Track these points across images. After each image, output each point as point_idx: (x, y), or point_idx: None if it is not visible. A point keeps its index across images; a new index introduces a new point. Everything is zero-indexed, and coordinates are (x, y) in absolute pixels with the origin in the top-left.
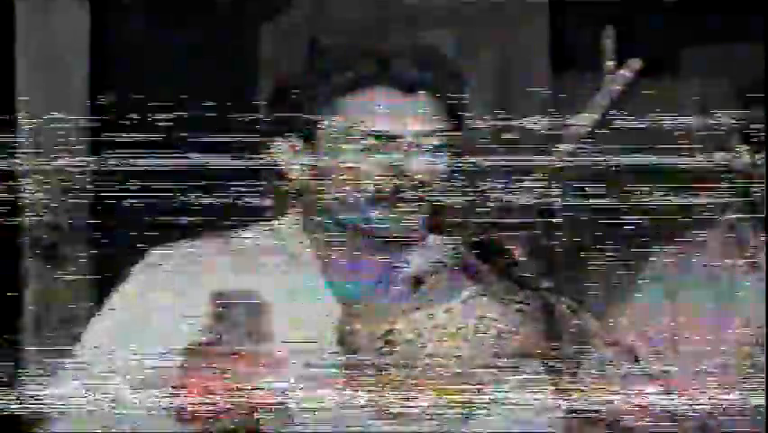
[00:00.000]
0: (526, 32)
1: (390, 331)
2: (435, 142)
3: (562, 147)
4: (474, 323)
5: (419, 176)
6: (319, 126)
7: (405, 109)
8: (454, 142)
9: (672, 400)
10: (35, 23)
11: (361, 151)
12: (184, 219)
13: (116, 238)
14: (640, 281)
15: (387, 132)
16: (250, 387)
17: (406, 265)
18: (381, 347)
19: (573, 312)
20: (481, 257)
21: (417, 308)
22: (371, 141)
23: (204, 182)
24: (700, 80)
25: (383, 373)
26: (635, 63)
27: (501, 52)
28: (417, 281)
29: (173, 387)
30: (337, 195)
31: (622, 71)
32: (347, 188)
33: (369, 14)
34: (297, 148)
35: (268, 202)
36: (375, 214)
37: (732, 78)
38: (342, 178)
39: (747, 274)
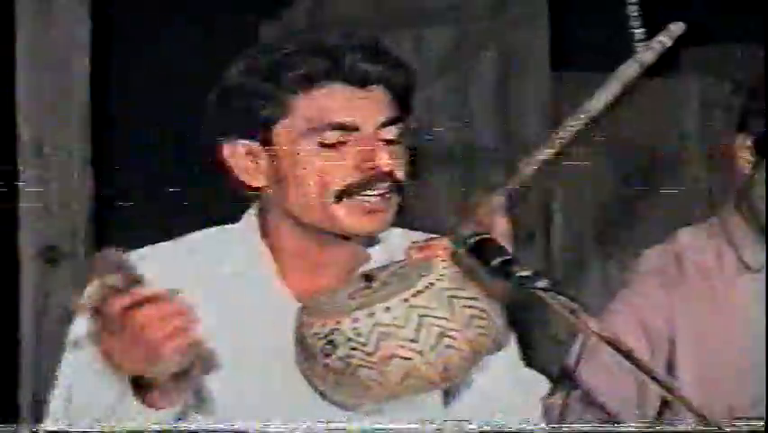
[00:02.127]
0: (526, 31)
1: (334, 330)
2: (395, 132)
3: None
4: (416, 322)
5: (386, 167)
6: (275, 127)
7: (361, 103)
8: (408, 134)
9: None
10: (36, 23)
11: (322, 147)
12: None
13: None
14: (633, 279)
15: (346, 123)
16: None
17: (368, 262)
18: (324, 347)
19: (572, 312)
20: (477, 256)
21: (361, 307)
22: (332, 135)
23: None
24: (701, 80)
25: (331, 373)
26: (678, 28)
27: (501, 51)
28: (368, 278)
29: (103, 353)
30: (301, 196)
31: (660, 38)
32: (311, 187)
33: (369, 12)
34: (253, 152)
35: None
36: (341, 211)
37: (732, 78)
38: (304, 177)
39: (740, 273)
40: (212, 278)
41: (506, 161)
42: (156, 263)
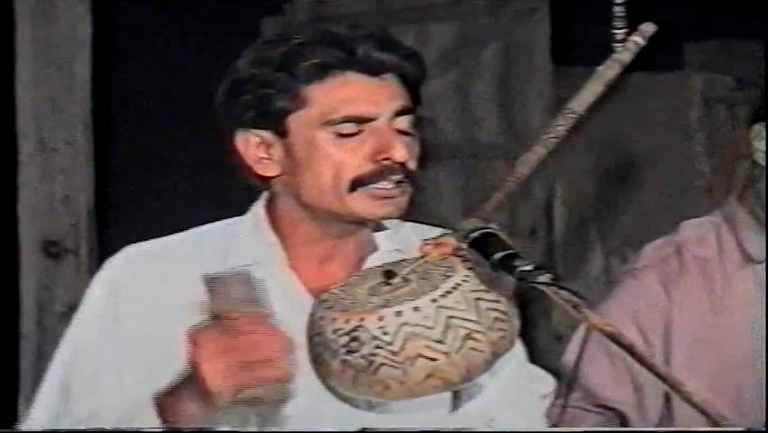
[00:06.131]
0: (528, 26)
1: (358, 327)
2: (408, 123)
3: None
4: (444, 323)
5: (400, 158)
6: (289, 117)
7: (376, 92)
8: (420, 125)
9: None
10: (37, 20)
11: (338, 137)
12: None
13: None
14: (632, 273)
15: (363, 114)
16: (264, 360)
17: (376, 251)
18: (348, 344)
19: (574, 307)
20: (479, 250)
21: (386, 304)
22: (349, 126)
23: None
24: (703, 75)
25: (350, 369)
26: (649, 28)
27: (503, 46)
28: (388, 274)
29: (191, 363)
30: (315, 185)
31: (634, 38)
32: (326, 177)
33: (371, 8)
34: (267, 142)
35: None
36: (356, 200)
37: (734, 74)
38: (319, 167)
39: (742, 267)
40: (220, 269)
41: (508, 156)
42: (163, 257)
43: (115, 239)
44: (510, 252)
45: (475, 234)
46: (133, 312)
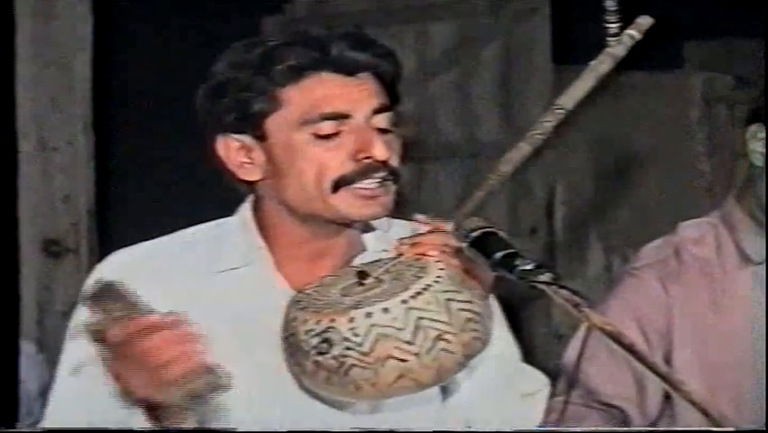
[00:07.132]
0: (529, 25)
1: (329, 328)
2: (387, 120)
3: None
4: (413, 324)
5: (381, 157)
6: (267, 120)
7: (352, 90)
8: (400, 122)
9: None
10: (37, 19)
11: (317, 138)
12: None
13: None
14: (632, 272)
15: (338, 110)
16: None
17: (365, 252)
18: (319, 345)
19: (574, 306)
20: (479, 249)
21: (357, 305)
22: (326, 126)
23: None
24: (703, 74)
25: (323, 370)
26: (645, 21)
27: (503, 45)
28: (361, 274)
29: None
30: (298, 188)
31: (629, 31)
32: (308, 179)
33: (371, 8)
34: (247, 146)
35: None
36: (340, 201)
37: (735, 73)
38: (301, 170)
39: (741, 267)
40: (208, 272)
41: None
42: (152, 260)
43: (115, 239)
44: (511, 251)
45: (475, 234)
46: None
